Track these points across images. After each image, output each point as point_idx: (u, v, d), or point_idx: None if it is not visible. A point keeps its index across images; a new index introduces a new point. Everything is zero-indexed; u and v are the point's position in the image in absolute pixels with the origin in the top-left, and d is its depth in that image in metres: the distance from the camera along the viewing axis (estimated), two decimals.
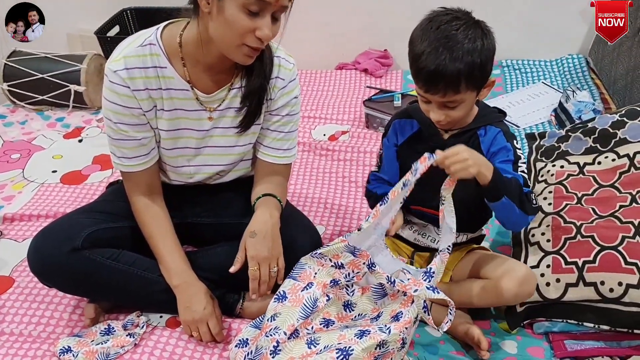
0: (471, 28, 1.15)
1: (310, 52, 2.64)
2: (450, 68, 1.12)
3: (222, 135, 1.35)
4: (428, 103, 1.22)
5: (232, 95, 1.31)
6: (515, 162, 1.25)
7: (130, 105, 1.24)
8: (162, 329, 1.36)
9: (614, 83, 2.22)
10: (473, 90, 1.19)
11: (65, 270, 1.28)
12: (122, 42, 1.26)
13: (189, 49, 1.24)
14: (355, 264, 1.19)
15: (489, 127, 1.28)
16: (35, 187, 1.94)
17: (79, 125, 2.33)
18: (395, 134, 1.36)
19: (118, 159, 1.31)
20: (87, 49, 2.53)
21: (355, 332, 1.14)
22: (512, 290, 1.25)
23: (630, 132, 1.53)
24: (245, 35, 1.13)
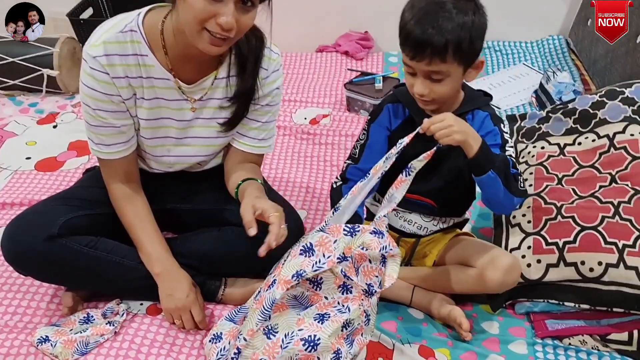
0: (463, 0, 1.13)
1: (290, 35, 2.60)
2: (438, 34, 1.10)
3: (204, 126, 1.32)
4: (413, 75, 1.18)
5: (216, 86, 1.28)
6: (503, 146, 1.24)
7: (110, 92, 1.20)
8: (142, 316, 1.34)
9: (594, 64, 2.23)
10: (460, 65, 1.15)
11: (41, 258, 1.25)
12: (101, 26, 1.21)
13: (169, 37, 1.20)
14: (324, 244, 1.11)
15: (476, 112, 1.27)
16: (8, 175, 1.89)
17: (53, 110, 2.27)
18: (388, 118, 1.32)
19: (96, 146, 1.28)
20: (60, 32, 2.45)
21: (314, 315, 1.11)
22: (497, 280, 1.25)
23: (610, 112, 1.54)
24: (205, 20, 1.09)
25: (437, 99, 1.19)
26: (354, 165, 1.33)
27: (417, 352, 1.26)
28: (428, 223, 1.37)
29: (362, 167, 1.30)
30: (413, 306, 1.37)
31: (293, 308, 1.14)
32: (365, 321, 1.14)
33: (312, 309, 1.13)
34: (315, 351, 1.08)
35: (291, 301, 1.15)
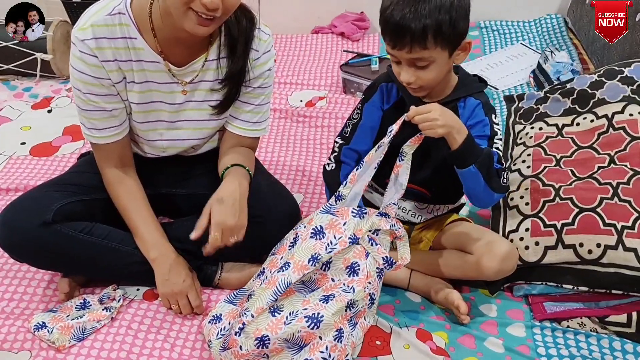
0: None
1: (285, 16, 2.57)
2: (416, 20, 1.07)
3: (196, 109, 1.31)
4: (398, 64, 1.16)
5: (206, 68, 1.26)
6: (491, 138, 1.22)
7: (99, 75, 1.19)
8: (139, 301, 1.34)
9: (592, 43, 2.21)
10: (444, 49, 1.12)
11: (37, 244, 1.24)
12: (89, 9, 1.19)
13: (158, 20, 1.18)
14: (334, 226, 1.14)
15: (468, 99, 1.24)
16: (3, 160, 1.88)
17: (48, 95, 2.25)
18: (382, 98, 1.30)
19: (88, 130, 1.26)
20: (53, 15, 2.42)
21: (320, 297, 1.12)
22: (494, 268, 1.24)
23: (609, 92, 1.52)
24: (190, 1, 1.07)
25: (425, 85, 1.17)
26: (346, 146, 1.31)
27: (415, 335, 1.26)
28: (422, 211, 1.36)
29: (355, 148, 1.30)
30: (411, 290, 1.36)
31: (300, 292, 1.15)
32: (369, 304, 1.14)
33: (318, 291, 1.14)
34: (318, 328, 1.09)
35: (299, 286, 1.15)
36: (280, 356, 1.11)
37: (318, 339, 1.10)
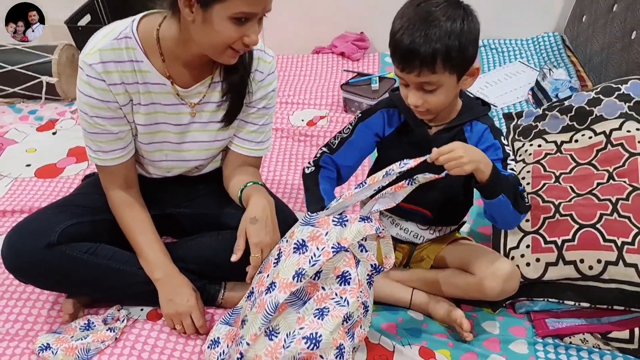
0: (452, 7, 1.10)
1: (286, 37, 2.61)
2: (426, 44, 1.07)
3: (201, 130, 1.33)
4: (406, 87, 1.17)
5: (212, 89, 1.29)
6: (505, 160, 1.22)
7: (107, 98, 1.21)
8: (143, 322, 1.34)
9: (590, 60, 2.23)
10: (452, 74, 1.12)
11: (42, 266, 1.25)
12: (96, 34, 1.22)
13: (167, 44, 1.21)
14: (316, 238, 1.11)
15: (474, 123, 1.24)
16: (9, 182, 1.90)
17: (53, 117, 2.28)
18: (382, 124, 1.30)
19: (94, 153, 1.28)
20: (58, 39, 2.46)
21: (313, 311, 1.11)
22: (497, 289, 1.25)
23: (606, 109, 1.54)
24: (233, 42, 1.13)
25: (432, 109, 1.17)
26: (328, 154, 1.31)
27: (418, 353, 1.26)
28: (424, 231, 1.37)
29: (337, 160, 1.30)
30: (413, 308, 1.37)
31: (292, 305, 1.14)
32: (363, 312, 1.14)
33: (310, 303, 1.12)
34: (318, 348, 1.08)
35: (289, 297, 1.14)
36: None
37: (319, 358, 1.10)
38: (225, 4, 1.08)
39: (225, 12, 1.08)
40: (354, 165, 1.35)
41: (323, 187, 1.27)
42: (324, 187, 1.27)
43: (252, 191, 1.27)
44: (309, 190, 1.28)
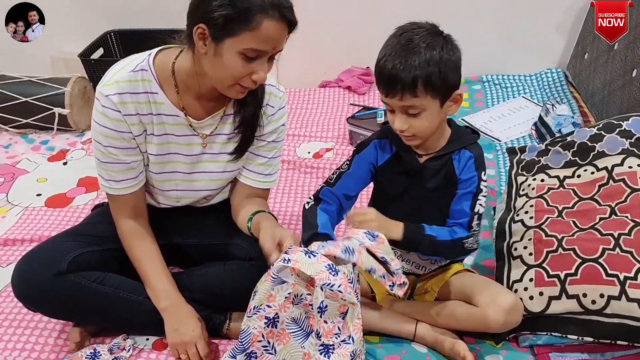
0: (432, 36, 1.16)
1: (294, 71, 2.65)
2: (406, 70, 1.13)
3: (212, 161, 1.36)
4: (392, 112, 1.21)
5: (224, 121, 1.33)
6: (476, 195, 1.27)
7: (121, 129, 1.25)
8: (148, 351, 1.35)
9: (592, 96, 2.27)
10: (434, 98, 1.17)
11: (51, 294, 1.27)
12: (114, 66, 1.27)
13: (182, 77, 1.25)
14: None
15: (463, 151, 1.28)
16: (19, 211, 1.93)
17: (64, 147, 2.32)
18: (375, 154, 1.35)
19: (106, 182, 1.31)
20: (71, 71, 2.53)
21: (319, 347, 1.11)
22: (500, 321, 1.25)
23: (608, 145, 1.56)
24: (241, 78, 1.17)
25: (418, 133, 1.22)
26: (327, 188, 1.35)
27: None
28: (425, 262, 1.39)
29: (336, 192, 1.34)
30: (417, 340, 1.37)
31: (295, 337, 1.15)
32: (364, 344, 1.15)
33: (314, 337, 1.13)
34: None
35: (291, 326, 1.15)
36: None
37: None
38: (235, 39, 1.12)
39: (236, 47, 1.12)
40: (354, 195, 1.38)
41: (320, 218, 1.29)
42: (320, 218, 1.30)
43: (261, 218, 1.29)
44: (306, 220, 1.31)
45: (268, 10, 1.11)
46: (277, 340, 1.16)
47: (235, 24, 1.11)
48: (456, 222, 1.28)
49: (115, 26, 2.67)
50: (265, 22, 1.11)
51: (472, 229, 1.26)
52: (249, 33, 1.11)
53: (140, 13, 2.68)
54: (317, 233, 1.26)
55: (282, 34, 1.15)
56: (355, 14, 2.64)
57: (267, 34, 1.12)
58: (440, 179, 1.29)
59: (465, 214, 1.27)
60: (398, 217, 1.28)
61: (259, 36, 1.12)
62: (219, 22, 1.11)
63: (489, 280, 1.38)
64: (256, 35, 1.11)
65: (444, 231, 1.27)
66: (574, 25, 2.56)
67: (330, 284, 1.08)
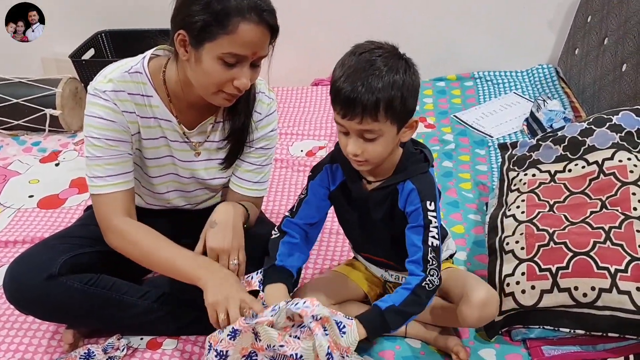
0: (393, 58, 1.09)
1: (285, 69, 2.65)
2: (368, 93, 1.05)
3: (203, 168, 1.36)
4: (346, 135, 1.13)
5: (215, 129, 1.32)
6: (426, 227, 1.18)
7: (117, 120, 1.21)
8: (142, 351, 1.35)
9: (583, 92, 2.28)
10: (393, 124, 1.10)
11: (43, 298, 1.26)
12: (106, 67, 1.25)
13: (172, 86, 1.25)
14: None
15: (407, 182, 1.20)
16: (11, 213, 1.92)
17: (56, 149, 2.32)
18: (327, 179, 1.29)
19: (102, 180, 1.23)
20: (62, 72, 2.52)
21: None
22: (474, 316, 1.24)
23: (598, 139, 1.57)
24: (223, 84, 1.15)
25: (371, 159, 1.14)
26: (289, 219, 1.31)
27: None
28: (403, 273, 1.35)
29: (296, 221, 1.30)
30: (409, 336, 1.38)
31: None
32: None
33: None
34: None
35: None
36: None
37: None
38: (214, 44, 1.10)
39: (214, 51, 1.11)
40: (317, 222, 1.33)
41: (280, 251, 1.27)
42: (281, 251, 1.27)
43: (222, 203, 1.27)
44: (268, 254, 1.29)
45: (245, 14, 1.09)
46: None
47: (212, 27, 1.09)
48: (411, 261, 1.19)
49: (106, 26, 2.67)
50: (242, 25, 1.09)
51: (427, 263, 1.17)
52: (227, 37, 1.10)
53: (131, 13, 2.68)
54: (274, 265, 1.25)
55: (262, 38, 1.13)
56: (348, 11, 2.64)
57: (245, 38, 1.10)
58: (385, 209, 1.23)
59: (417, 248, 1.18)
60: (359, 243, 1.31)
61: (237, 40, 1.10)
62: (197, 27, 1.10)
63: (467, 274, 1.37)
64: (234, 39, 1.10)
65: (397, 292, 1.18)
66: (564, 21, 2.57)
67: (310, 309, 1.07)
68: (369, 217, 1.26)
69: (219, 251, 1.19)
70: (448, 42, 2.61)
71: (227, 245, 1.20)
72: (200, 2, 1.10)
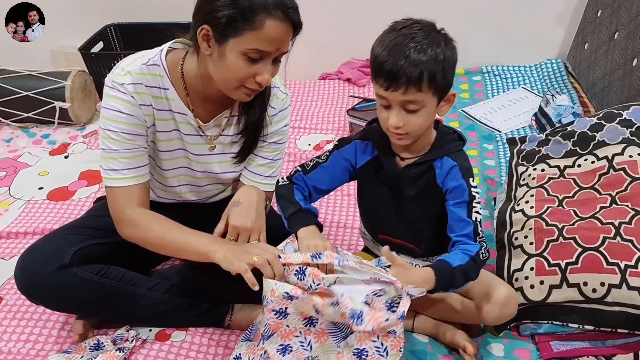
0: (433, 32, 1.13)
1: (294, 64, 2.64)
2: (412, 65, 1.08)
3: (217, 162, 1.36)
4: (387, 108, 1.15)
5: (229, 123, 1.33)
6: (470, 203, 1.20)
7: (135, 113, 1.21)
8: (151, 342, 1.36)
9: (592, 86, 2.27)
10: (434, 95, 1.13)
11: (53, 288, 1.27)
12: (124, 60, 1.25)
13: (190, 79, 1.25)
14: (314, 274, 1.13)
15: (445, 159, 1.22)
16: (22, 205, 1.94)
17: (65, 141, 2.33)
18: (354, 154, 1.31)
19: (118, 173, 1.23)
20: (72, 65, 2.53)
21: (353, 349, 1.12)
22: (495, 314, 1.26)
23: (608, 134, 1.56)
24: (245, 79, 1.15)
25: (412, 132, 1.16)
26: (301, 174, 1.32)
27: None
28: (417, 261, 1.37)
29: (308, 181, 1.31)
30: (416, 332, 1.38)
31: (333, 337, 1.16)
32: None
33: (351, 339, 1.14)
34: None
35: (331, 328, 1.17)
36: None
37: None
38: (238, 39, 1.11)
39: (239, 47, 1.12)
40: (324, 190, 1.34)
41: (297, 196, 1.28)
42: (297, 196, 1.28)
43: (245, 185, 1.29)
44: (283, 197, 1.29)
45: (271, 10, 1.10)
46: (315, 338, 1.17)
47: (238, 23, 1.10)
48: (461, 235, 1.20)
49: (115, 20, 2.67)
50: (268, 21, 1.10)
51: (478, 236, 1.20)
52: (252, 33, 1.10)
53: (140, 6, 2.68)
54: (301, 209, 1.25)
55: (286, 34, 1.14)
56: (355, 6, 2.64)
57: (270, 34, 1.11)
58: (420, 186, 1.25)
59: (467, 222, 1.20)
60: (385, 224, 1.30)
61: (262, 36, 1.11)
62: (222, 22, 1.10)
63: (484, 271, 1.37)
64: (259, 35, 1.11)
65: (458, 255, 1.18)
66: (573, 15, 2.56)
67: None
68: (400, 194, 1.27)
69: (242, 230, 1.21)
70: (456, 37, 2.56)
71: (250, 224, 1.21)
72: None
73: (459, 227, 1.21)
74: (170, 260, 1.56)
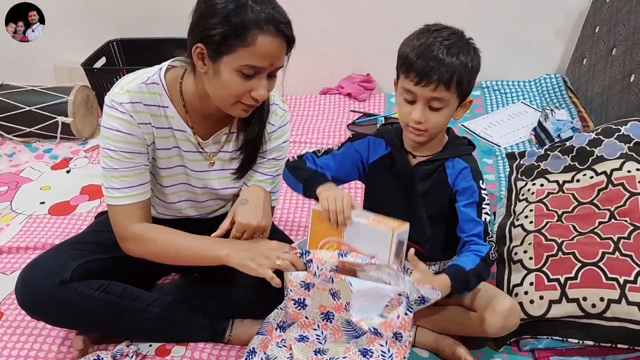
0: (463, 40, 1.20)
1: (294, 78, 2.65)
2: (445, 65, 1.14)
3: (216, 178, 1.37)
4: (412, 103, 1.20)
5: (228, 139, 1.34)
6: (480, 204, 1.25)
7: (134, 132, 1.23)
8: (151, 357, 1.36)
9: (591, 102, 2.28)
10: (458, 98, 1.20)
11: (54, 303, 1.27)
12: (123, 78, 1.27)
13: (189, 97, 1.26)
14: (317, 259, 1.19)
15: (457, 160, 1.28)
16: (23, 219, 1.94)
17: (67, 156, 2.34)
18: (367, 149, 1.35)
19: (118, 192, 1.25)
20: (74, 80, 2.55)
21: (360, 348, 1.17)
22: (497, 325, 1.27)
23: (607, 149, 1.57)
24: (241, 95, 1.17)
25: (431, 129, 1.21)
26: (312, 155, 1.35)
27: None
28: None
29: (317, 162, 1.34)
30: (417, 345, 1.38)
31: (347, 334, 1.21)
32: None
33: (362, 339, 1.19)
34: None
35: (347, 327, 1.21)
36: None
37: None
38: (232, 56, 1.12)
39: (233, 64, 1.13)
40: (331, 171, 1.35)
41: (310, 165, 1.32)
42: (310, 165, 1.32)
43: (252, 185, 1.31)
44: (297, 168, 1.32)
45: (263, 26, 1.11)
46: (330, 333, 1.23)
47: (230, 40, 1.11)
48: (472, 234, 1.24)
49: (118, 35, 2.70)
50: (261, 37, 1.11)
51: (488, 236, 1.24)
52: (245, 49, 1.11)
53: (142, 22, 2.70)
54: (316, 172, 1.29)
55: (279, 50, 1.15)
56: (356, 21, 2.66)
57: (263, 50, 1.12)
58: (430, 183, 1.29)
59: (478, 223, 1.24)
60: None
61: (255, 52, 1.12)
62: (215, 40, 1.12)
63: (486, 284, 1.38)
64: (252, 51, 1.12)
65: (469, 257, 1.23)
66: (572, 31, 2.58)
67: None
68: (411, 191, 1.29)
69: (247, 227, 1.22)
70: None
71: (257, 222, 1.22)
72: (218, 16, 1.11)
73: (470, 227, 1.25)
74: (171, 275, 1.56)
